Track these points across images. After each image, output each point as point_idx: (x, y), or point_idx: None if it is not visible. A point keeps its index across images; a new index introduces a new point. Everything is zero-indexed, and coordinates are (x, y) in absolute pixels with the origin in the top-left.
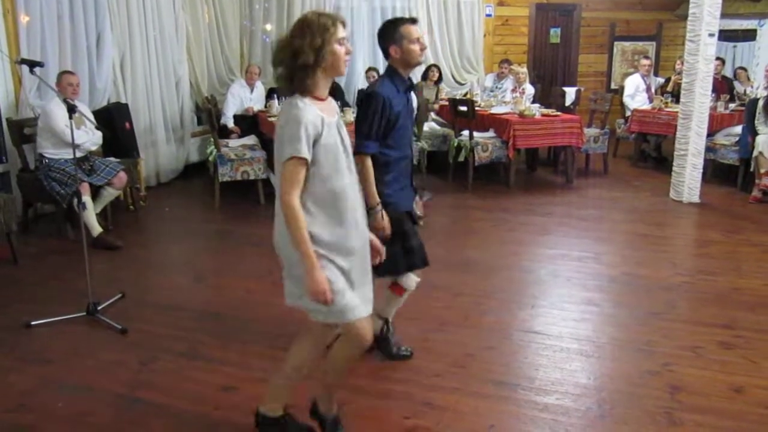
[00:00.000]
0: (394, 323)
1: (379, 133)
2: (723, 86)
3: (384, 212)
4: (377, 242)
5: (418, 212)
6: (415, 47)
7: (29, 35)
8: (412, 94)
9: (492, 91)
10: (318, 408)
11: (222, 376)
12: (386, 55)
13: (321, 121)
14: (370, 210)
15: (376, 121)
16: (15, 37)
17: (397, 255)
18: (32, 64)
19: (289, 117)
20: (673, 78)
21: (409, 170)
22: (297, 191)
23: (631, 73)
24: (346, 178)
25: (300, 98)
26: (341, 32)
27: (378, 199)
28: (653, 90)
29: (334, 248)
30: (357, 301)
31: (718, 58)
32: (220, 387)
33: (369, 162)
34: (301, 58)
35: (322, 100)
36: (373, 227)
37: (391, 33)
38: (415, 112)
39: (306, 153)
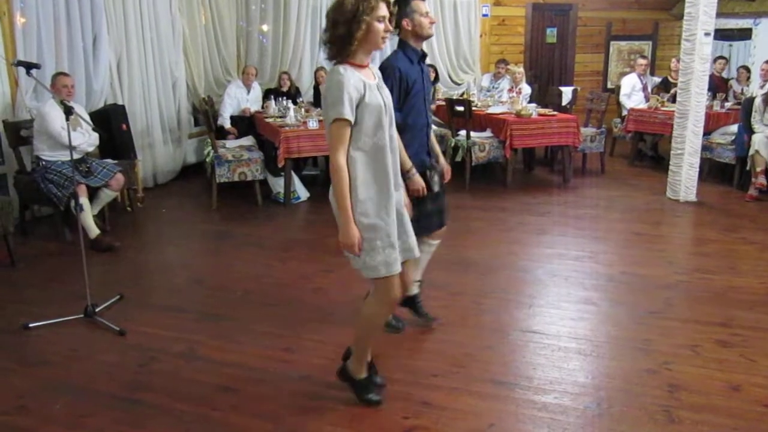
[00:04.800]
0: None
1: (399, 103)
2: (723, 85)
3: (417, 174)
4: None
5: (435, 186)
6: (425, 20)
7: (26, 37)
8: (425, 65)
9: (489, 90)
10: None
11: (221, 376)
12: (398, 28)
13: (363, 85)
14: (405, 174)
15: (395, 91)
16: (11, 38)
17: None
18: (29, 66)
19: (332, 83)
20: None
21: (425, 137)
22: (343, 150)
23: (627, 73)
24: (388, 135)
25: (342, 66)
26: (382, 10)
27: (410, 163)
28: (650, 89)
29: (378, 200)
30: (393, 257)
31: (722, 58)
32: (219, 388)
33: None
34: (338, 29)
35: (362, 67)
36: (410, 189)
37: (403, 7)
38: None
39: (349, 115)
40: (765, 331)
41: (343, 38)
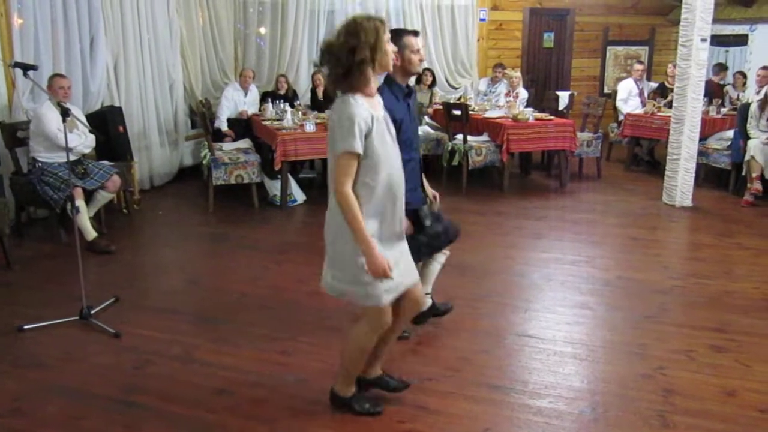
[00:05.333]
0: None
1: None
2: (719, 91)
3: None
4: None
5: (427, 220)
6: (416, 57)
7: (23, 38)
8: (412, 99)
9: (486, 95)
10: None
11: (216, 379)
12: None
13: (371, 117)
14: None
15: None
16: (8, 40)
17: None
18: (26, 68)
19: (342, 114)
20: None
21: (416, 173)
22: (350, 182)
23: (623, 78)
24: (395, 167)
25: (351, 96)
26: (387, 33)
27: None
28: (646, 94)
29: (382, 234)
30: (393, 287)
31: (723, 68)
32: (214, 390)
33: None
34: (358, 55)
35: (371, 96)
36: None
37: (395, 41)
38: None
39: (359, 148)
40: (760, 336)
41: (363, 64)
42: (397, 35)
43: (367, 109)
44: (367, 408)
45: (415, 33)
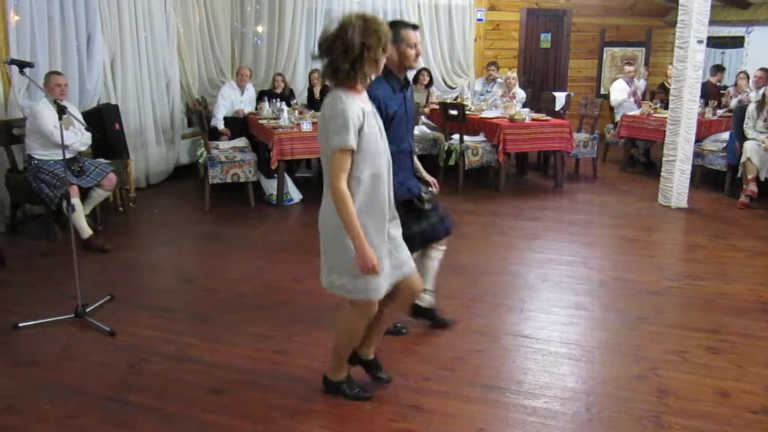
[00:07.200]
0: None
1: None
2: (716, 92)
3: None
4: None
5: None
6: (412, 51)
7: (19, 35)
8: (409, 91)
9: (482, 95)
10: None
11: (211, 378)
12: None
13: (362, 112)
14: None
15: None
16: (5, 36)
17: None
18: (22, 65)
19: (336, 110)
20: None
21: (408, 163)
22: (345, 177)
23: (617, 79)
24: (385, 160)
25: (343, 92)
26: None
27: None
28: (639, 94)
29: (373, 228)
30: (381, 283)
31: (719, 67)
32: (209, 389)
33: None
34: (372, 53)
35: (360, 93)
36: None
37: (392, 33)
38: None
39: (353, 143)
40: (754, 337)
41: (370, 62)
42: (395, 27)
43: (359, 105)
44: (357, 392)
45: (414, 27)
